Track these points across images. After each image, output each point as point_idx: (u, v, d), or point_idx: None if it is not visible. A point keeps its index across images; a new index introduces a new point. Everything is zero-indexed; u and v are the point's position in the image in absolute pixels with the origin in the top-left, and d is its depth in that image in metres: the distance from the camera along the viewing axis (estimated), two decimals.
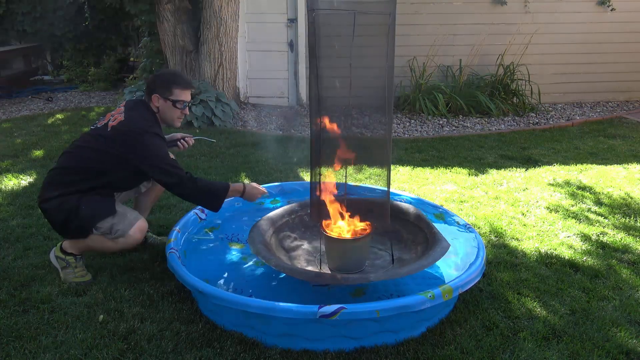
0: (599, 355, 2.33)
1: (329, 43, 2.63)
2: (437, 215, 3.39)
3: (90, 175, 2.77)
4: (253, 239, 2.80)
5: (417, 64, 7.38)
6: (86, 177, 2.77)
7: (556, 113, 7.37)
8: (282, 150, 5.47)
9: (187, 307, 2.61)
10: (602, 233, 3.53)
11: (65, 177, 2.78)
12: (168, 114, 2.89)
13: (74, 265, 2.84)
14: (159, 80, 2.87)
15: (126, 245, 2.80)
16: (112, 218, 2.74)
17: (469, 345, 2.36)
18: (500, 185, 4.47)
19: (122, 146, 2.72)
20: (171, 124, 2.95)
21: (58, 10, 8.60)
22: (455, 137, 6.20)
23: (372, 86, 2.69)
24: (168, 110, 2.87)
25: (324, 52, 2.58)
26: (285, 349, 2.32)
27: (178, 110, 2.88)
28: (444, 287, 2.39)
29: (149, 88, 2.89)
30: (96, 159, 2.77)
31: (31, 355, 2.28)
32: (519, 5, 7.53)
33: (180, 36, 6.71)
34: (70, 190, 2.74)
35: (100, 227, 2.73)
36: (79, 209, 2.70)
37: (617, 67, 7.92)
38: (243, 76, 7.43)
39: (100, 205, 2.75)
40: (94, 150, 2.78)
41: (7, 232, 3.44)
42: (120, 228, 2.74)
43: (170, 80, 2.87)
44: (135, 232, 2.77)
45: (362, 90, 2.65)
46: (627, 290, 2.84)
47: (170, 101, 2.85)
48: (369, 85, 2.65)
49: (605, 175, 4.71)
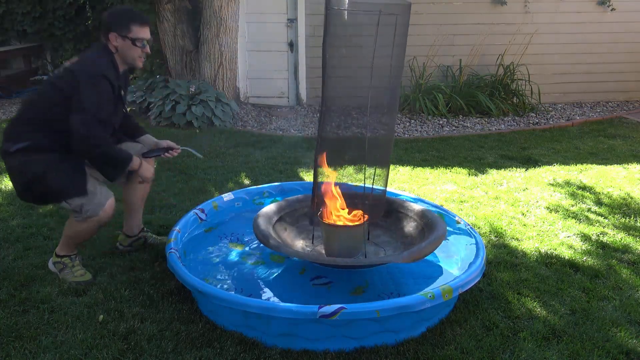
0: (599, 355, 2.33)
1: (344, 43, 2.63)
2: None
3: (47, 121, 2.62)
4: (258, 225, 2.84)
5: (417, 64, 7.38)
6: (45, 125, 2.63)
7: (556, 113, 7.37)
8: (282, 150, 5.47)
9: (187, 307, 2.61)
10: (602, 233, 3.53)
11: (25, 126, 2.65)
12: (129, 54, 2.74)
13: (70, 265, 2.83)
14: (114, 18, 2.71)
15: (100, 223, 2.72)
16: (79, 198, 2.64)
17: (469, 345, 2.36)
18: (500, 185, 4.47)
19: (68, 85, 2.58)
20: (133, 64, 2.80)
21: (58, 10, 8.60)
22: (455, 137, 6.20)
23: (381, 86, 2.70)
24: (128, 49, 2.72)
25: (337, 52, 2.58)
26: (285, 349, 2.32)
27: (138, 48, 2.73)
28: (444, 287, 2.39)
29: (105, 27, 2.71)
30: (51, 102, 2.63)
31: (31, 355, 2.28)
32: (519, 5, 7.53)
33: (180, 36, 6.71)
34: (33, 145, 2.60)
35: (70, 203, 2.65)
36: (45, 176, 2.60)
37: (617, 67, 7.92)
38: (243, 76, 7.43)
39: (70, 180, 2.64)
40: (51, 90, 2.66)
41: (7, 232, 3.44)
42: (91, 208, 2.64)
43: (127, 17, 2.71)
44: (107, 211, 2.69)
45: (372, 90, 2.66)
46: (627, 290, 2.84)
47: (129, 39, 2.70)
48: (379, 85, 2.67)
49: (605, 175, 4.71)
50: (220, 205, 3.43)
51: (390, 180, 4.53)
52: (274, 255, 3.02)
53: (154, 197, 3.97)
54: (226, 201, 3.47)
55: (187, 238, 3.07)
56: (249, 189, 3.67)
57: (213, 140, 5.73)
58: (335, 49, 2.67)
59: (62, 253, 2.85)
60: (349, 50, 2.67)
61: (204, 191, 4.20)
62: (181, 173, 4.59)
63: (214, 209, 3.37)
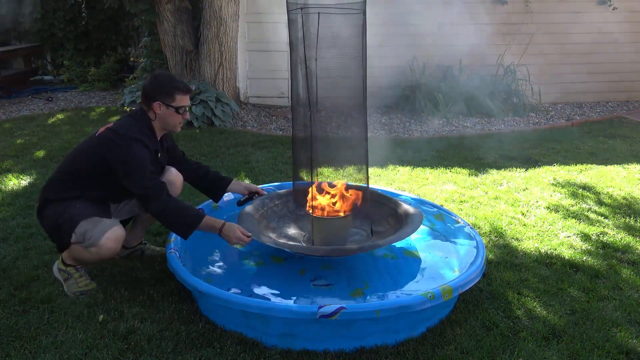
0: (599, 355, 2.33)
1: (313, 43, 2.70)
2: (436, 215, 3.38)
3: (81, 179, 2.70)
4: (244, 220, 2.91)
5: (417, 64, 7.38)
6: (78, 181, 2.70)
7: (556, 113, 7.37)
8: (282, 150, 5.47)
9: (187, 307, 2.61)
10: (602, 233, 3.53)
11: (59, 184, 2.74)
12: (170, 121, 2.79)
13: (76, 276, 2.76)
14: (159, 87, 2.75)
15: (100, 255, 2.62)
16: (86, 223, 2.60)
17: (469, 345, 2.36)
18: (500, 185, 4.47)
19: (106, 151, 2.65)
20: (173, 130, 2.86)
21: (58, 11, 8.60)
22: (455, 137, 6.20)
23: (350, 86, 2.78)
24: (170, 117, 2.77)
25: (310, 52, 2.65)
26: (285, 349, 2.32)
27: (180, 115, 2.80)
28: (444, 287, 2.38)
29: (149, 95, 2.76)
30: (86, 163, 2.70)
31: (31, 355, 2.28)
32: (519, 5, 7.53)
33: (180, 36, 6.71)
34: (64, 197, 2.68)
35: (76, 233, 2.61)
36: (64, 211, 2.64)
37: (617, 67, 7.92)
38: (243, 76, 7.43)
39: (81, 208, 2.65)
40: (84, 153, 2.74)
41: (7, 232, 3.44)
42: (93, 235, 2.57)
43: (171, 86, 2.76)
44: (108, 242, 2.58)
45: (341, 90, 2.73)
46: (627, 290, 2.84)
47: (172, 108, 2.76)
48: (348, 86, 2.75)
49: (606, 175, 4.71)
50: (220, 205, 3.42)
51: (390, 180, 4.54)
52: (274, 256, 3.03)
53: None
54: (226, 201, 3.47)
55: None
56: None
57: (213, 140, 5.73)
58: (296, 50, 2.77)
59: (69, 262, 2.77)
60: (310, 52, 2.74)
61: None
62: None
63: (214, 209, 3.37)
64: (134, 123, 2.75)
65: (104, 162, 2.65)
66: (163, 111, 2.76)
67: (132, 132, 2.69)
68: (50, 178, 2.82)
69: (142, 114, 2.79)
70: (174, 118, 2.79)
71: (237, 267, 2.95)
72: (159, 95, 2.74)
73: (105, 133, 2.71)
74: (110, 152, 2.64)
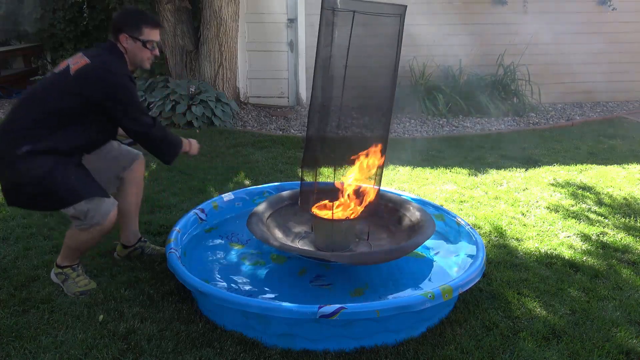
0: (599, 355, 2.33)
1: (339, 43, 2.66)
2: (437, 215, 3.38)
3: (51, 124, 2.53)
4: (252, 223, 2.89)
5: (417, 64, 7.38)
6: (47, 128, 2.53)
7: (556, 113, 7.37)
8: (282, 150, 5.47)
9: (187, 307, 2.61)
10: (602, 233, 3.53)
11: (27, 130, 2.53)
12: (138, 55, 2.70)
13: (73, 276, 2.75)
14: (127, 19, 2.68)
15: (102, 232, 2.64)
16: (88, 203, 2.55)
17: (469, 345, 2.36)
18: (500, 185, 4.47)
19: (91, 88, 2.53)
20: (141, 66, 2.77)
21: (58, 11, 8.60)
22: (455, 137, 6.20)
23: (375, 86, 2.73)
24: (138, 51, 2.69)
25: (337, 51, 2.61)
26: (285, 349, 2.32)
27: (148, 50, 2.71)
28: (444, 287, 2.39)
29: (116, 27, 2.67)
30: (62, 104, 2.54)
31: (31, 355, 2.28)
32: (519, 5, 7.53)
33: (180, 36, 6.72)
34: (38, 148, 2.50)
35: (76, 208, 2.55)
36: (52, 179, 2.50)
37: (617, 67, 7.92)
38: (243, 76, 7.43)
39: (79, 183, 2.57)
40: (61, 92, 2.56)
41: (7, 232, 3.44)
42: (96, 215, 2.56)
43: (139, 19, 2.68)
44: (111, 220, 2.62)
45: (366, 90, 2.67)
46: (627, 290, 2.84)
47: (140, 41, 2.66)
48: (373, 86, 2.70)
49: (605, 175, 4.71)
50: (220, 205, 3.43)
51: (390, 180, 4.53)
52: (274, 256, 3.03)
53: (153, 197, 3.97)
54: (226, 201, 3.47)
55: (187, 238, 3.07)
56: (249, 189, 3.67)
57: (213, 140, 5.73)
58: (324, 48, 2.71)
59: (63, 264, 2.75)
60: (339, 51, 2.69)
61: (204, 191, 4.19)
62: (181, 173, 4.59)
63: (214, 209, 3.37)
64: (116, 60, 2.67)
65: (90, 100, 2.54)
66: (130, 44, 2.68)
67: (122, 69, 2.65)
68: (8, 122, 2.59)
69: (115, 48, 2.70)
70: (142, 52, 2.71)
71: (237, 267, 2.95)
72: (126, 27, 2.66)
73: (89, 70, 2.56)
74: (106, 90, 2.55)
